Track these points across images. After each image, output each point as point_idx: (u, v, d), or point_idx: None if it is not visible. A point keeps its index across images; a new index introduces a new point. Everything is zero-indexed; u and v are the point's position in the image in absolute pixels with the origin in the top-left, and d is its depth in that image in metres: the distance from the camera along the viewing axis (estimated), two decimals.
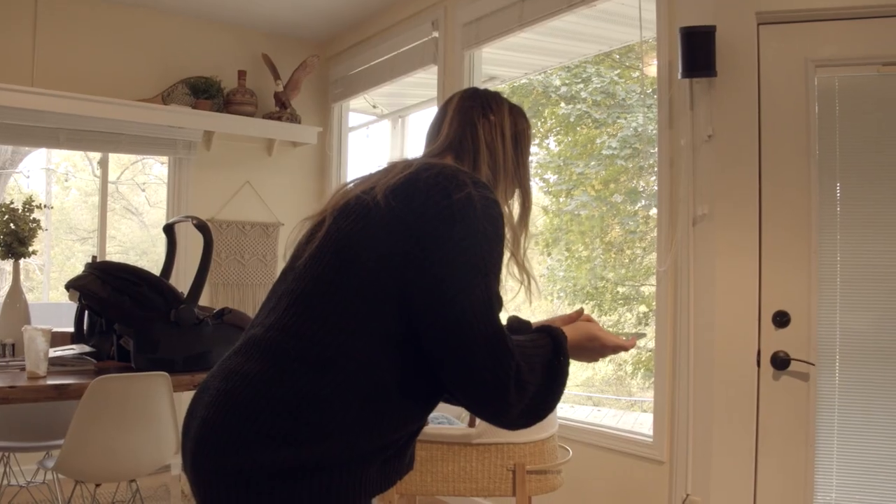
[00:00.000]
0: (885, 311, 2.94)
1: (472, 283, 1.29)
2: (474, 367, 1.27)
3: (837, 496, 3.00)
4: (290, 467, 1.25)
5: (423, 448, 2.95)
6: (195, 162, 5.13)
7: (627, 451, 3.45)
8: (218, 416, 1.30)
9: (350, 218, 1.38)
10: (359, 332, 1.31)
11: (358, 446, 1.29)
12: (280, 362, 1.30)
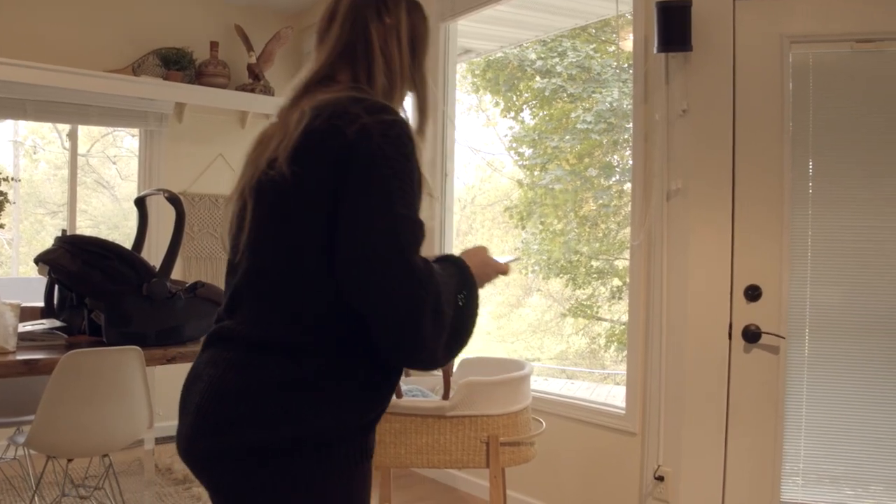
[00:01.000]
0: (855, 286, 2.98)
1: (381, 213, 1.26)
2: (387, 297, 1.24)
3: (805, 465, 3.06)
4: (289, 444, 1.28)
5: (396, 421, 2.96)
6: (167, 134, 5.07)
7: (600, 423, 3.48)
8: (212, 403, 1.33)
9: (268, 204, 1.36)
10: (322, 315, 1.32)
11: (349, 419, 1.32)
12: (262, 353, 1.33)
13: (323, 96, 1.40)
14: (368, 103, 1.34)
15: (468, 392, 2.93)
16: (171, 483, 4.10)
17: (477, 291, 1.42)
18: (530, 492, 3.82)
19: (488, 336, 8.24)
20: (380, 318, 1.26)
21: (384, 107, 1.36)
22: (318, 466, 1.30)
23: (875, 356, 2.97)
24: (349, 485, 1.35)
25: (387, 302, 1.24)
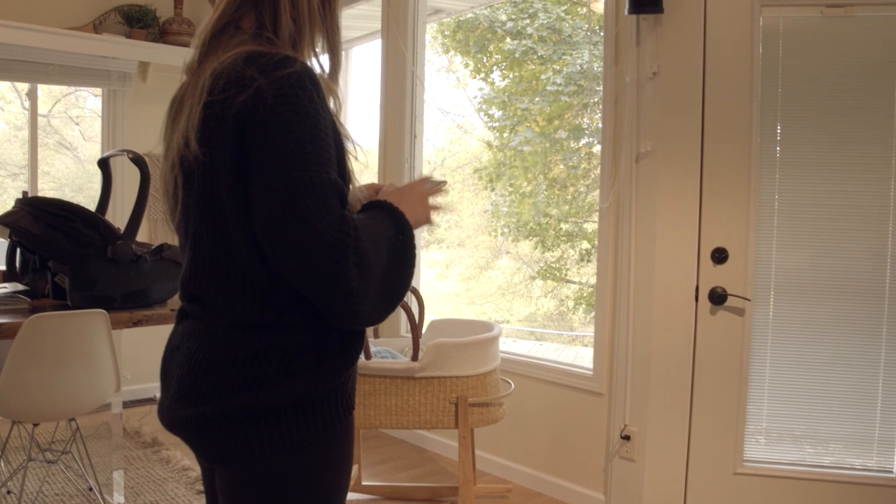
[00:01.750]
0: (819, 249, 3.02)
1: (278, 182, 1.22)
2: (310, 254, 1.21)
3: (768, 425, 3.12)
4: (270, 408, 1.30)
5: (366, 382, 2.96)
6: (130, 94, 4.97)
7: (568, 383, 3.52)
8: (193, 374, 1.34)
9: (194, 186, 1.34)
10: (274, 291, 1.32)
11: (323, 381, 1.33)
12: (233, 328, 1.34)
13: (224, 54, 1.34)
14: (263, 60, 1.28)
15: (437, 353, 2.94)
16: (139, 446, 4.09)
17: (411, 234, 1.38)
18: (499, 452, 3.86)
19: (457, 298, 8.27)
20: (305, 286, 1.25)
21: (280, 61, 1.28)
22: (302, 427, 1.32)
23: (837, 318, 3.02)
24: (334, 441, 1.37)
25: (305, 271, 1.22)
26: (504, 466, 3.83)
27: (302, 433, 1.32)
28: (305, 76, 1.29)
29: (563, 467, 3.57)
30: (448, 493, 3.58)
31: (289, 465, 1.33)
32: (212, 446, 1.34)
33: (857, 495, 3.04)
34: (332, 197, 1.24)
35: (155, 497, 3.40)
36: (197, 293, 1.38)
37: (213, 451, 1.35)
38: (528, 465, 3.72)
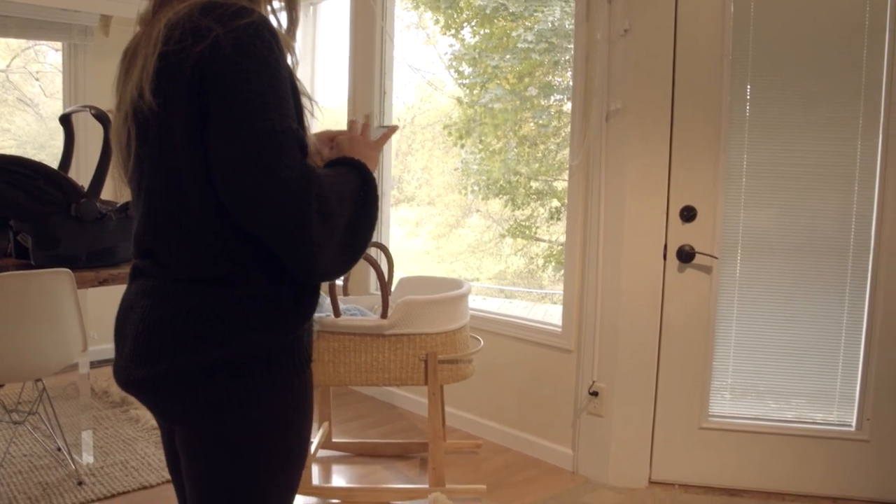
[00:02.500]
0: (785, 209, 3.05)
1: (240, 133, 1.20)
2: (271, 204, 1.20)
3: (733, 381, 3.17)
4: (225, 364, 1.29)
5: (335, 340, 2.96)
6: (92, 49, 4.85)
7: (537, 340, 3.54)
8: (147, 332, 1.32)
9: (148, 139, 1.31)
10: (230, 244, 1.30)
11: (279, 335, 1.33)
12: (188, 283, 1.32)
13: (179, 4, 1.31)
14: (220, 10, 1.25)
15: (406, 311, 2.94)
16: (108, 406, 4.07)
17: (374, 186, 1.38)
18: (468, 408, 3.89)
19: (427, 256, 8.27)
20: (268, 238, 1.24)
21: (237, 10, 1.25)
22: (259, 382, 1.31)
23: (802, 276, 3.06)
24: (292, 395, 1.37)
25: (268, 221, 1.22)
26: (473, 422, 3.86)
27: (259, 388, 1.31)
28: (263, 26, 1.26)
29: (531, 423, 3.61)
30: (418, 449, 3.61)
31: (248, 421, 1.32)
32: (169, 405, 1.33)
33: (818, 448, 3.11)
34: (293, 146, 1.23)
35: (124, 456, 3.39)
36: (150, 248, 1.36)
37: (170, 410, 1.34)
38: (498, 421, 3.76)
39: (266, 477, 1.36)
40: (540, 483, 3.29)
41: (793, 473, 3.15)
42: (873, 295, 3.01)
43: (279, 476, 1.38)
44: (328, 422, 3.60)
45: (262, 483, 1.36)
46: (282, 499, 1.41)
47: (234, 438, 1.33)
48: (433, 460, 3.06)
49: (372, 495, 3.09)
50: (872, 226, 2.99)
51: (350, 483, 3.29)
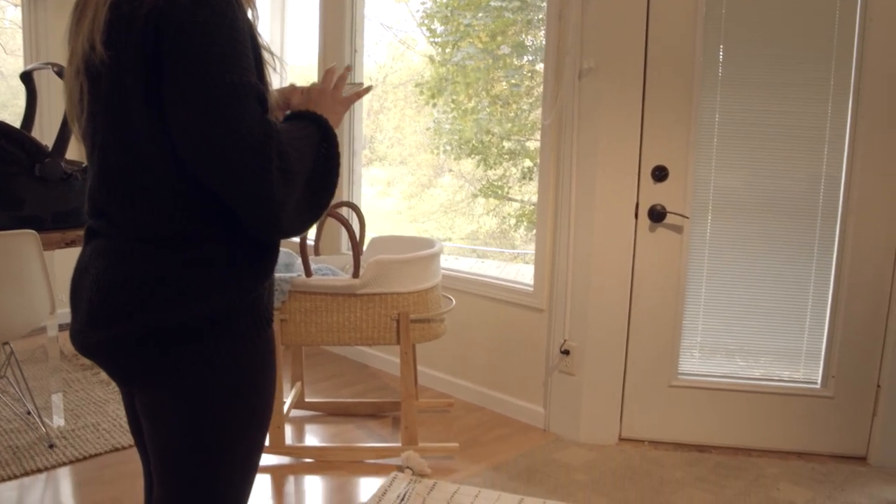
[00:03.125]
0: (756, 170, 3.07)
1: (199, 86, 1.17)
2: (232, 160, 1.17)
3: (702, 339, 3.21)
4: (181, 327, 1.27)
5: (307, 299, 2.95)
6: (53, 4, 4.72)
7: (509, 299, 3.55)
8: (102, 294, 1.29)
9: (101, 92, 1.28)
10: (186, 203, 1.27)
11: (236, 297, 1.31)
12: (143, 244, 1.28)
13: None
14: None
15: (378, 270, 2.93)
16: (77, 369, 4.04)
17: (335, 141, 1.36)
18: (440, 367, 3.91)
19: (399, 216, 8.24)
20: (227, 195, 1.22)
21: None
22: (220, 343, 1.30)
23: (771, 236, 3.09)
24: (254, 355, 1.35)
25: (229, 177, 1.19)
26: (445, 381, 3.88)
27: (220, 350, 1.29)
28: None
29: (503, 382, 3.63)
30: (390, 408, 3.63)
31: (209, 383, 1.31)
32: (126, 369, 1.31)
33: (784, 405, 3.17)
34: (253, 101, 1.20)
35: (96, 419, 3.38)
36: (104, 208, 1.32)
37: (128, 373, 1.32)
38: (470, 380, 3.78)
39: (229, 439, 1.36)
40: (512, 441, 3.33)
41: (760, 429, 3.21)
42: (840, 256, 3.05)
43: (243, 438, 1.37)
44: (300, 382, 3.60)
45: (226, 445, 1.36)
46: (246, 460, 1.40)
47: (195, 401, 1.31)
48: (405, 419, 3.07)
49: (345, 454, 3.11)
50: (841, 187, 3.02)
51: (323, 442, 3.30)
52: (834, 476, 3.02)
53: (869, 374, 3.09)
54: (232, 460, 1.37)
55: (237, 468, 1.39)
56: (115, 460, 3.02)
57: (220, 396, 1.32)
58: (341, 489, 2.87)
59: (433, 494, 2.77)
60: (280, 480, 2.93)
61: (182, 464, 1.35)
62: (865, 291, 3.04)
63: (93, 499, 2.73)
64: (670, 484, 2.93)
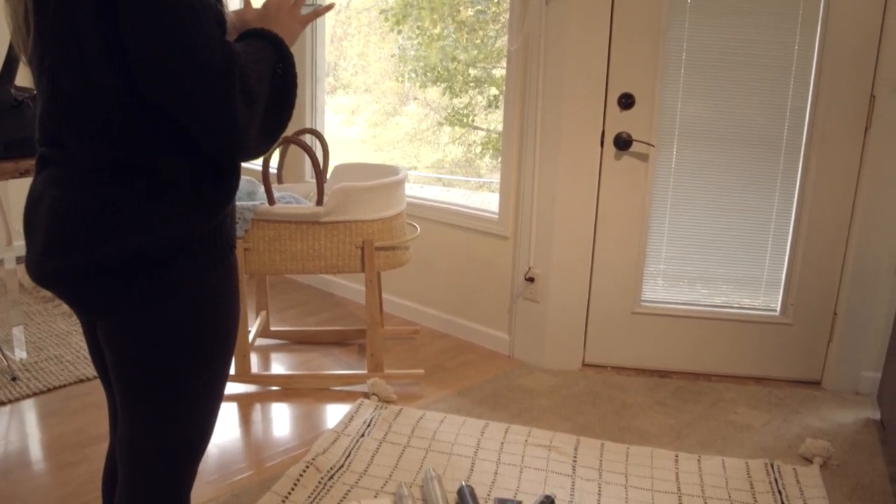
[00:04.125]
0: (722, 99, 3.05)
1: (158, 9, 1.13)
2: (194, 85, 1.14)
3: (665, 268, 3.24)
4: (141, 255, 1.24)
5: (270, 228, 2.92)
6: None
7: (474, 227, 3.55)
8: (58, 223, 1.25)
9: (45, 12, 1.22)
10: (143, 129, 1.22)
11: (198, 223, 1.28)
12: (99, 172, 1.24)
13: None
14: None
15: (342, 198, 2.91)
16: (38, 301, 3.98)
17: (292, 61, 1.33)
18: (406, 295, 3.92)
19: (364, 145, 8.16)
20: (190, 120, 1.19)
21: None
22: (182, 272, 1.27)
23: (736, 166, 3.10)
24: (217, 283, 1.33)
25: (190, 103, 1.16)
26: (411, 309, 3.90)
27: (181, 278, 1.27)
28: None
29: (468, 309, 3.65)
30: (356, 336, 3.64)
31: (171, 313, 1.29)
32: (87, 299, 1.28)
33: (743, 332, 3.23)
34: (212, 22, 1.16)
35: (59, 351, 3.35)
36: (56, 135, 1.27)
37: (88, 304, 1.29)
38: (435, 308, 3.80)
39: (192, 368, 1.34)
40: (477, 367, 3.37)
41: (720, 355, 3.27)
42: (803, 186, 3.07)
43: (206, 367, 1.36)
44: (265, 311, 3.59)
45: (189, 375, 1.34)
46: (211, 389, 1.39)
47: (157, 331, 1.29)
48: (371, 346, 3.09)
49: (311, 381, 3.12)
50: (806, 119, 3.03)
51: (289, 370, 3.31)
52: (789, 400, 3.10)
53: (826, 303, 3.15)
54: (196, 390, 1.36)
55: (201, 397, 1.38)
56: (81, 392, 3.01)
57: (182, 325, 1.31)
58: (308, 416, 2.89)
59: (399, 420, 2.80)
60: (247, 409, 2.94)
61: (145, 394, 1.34)
62: (826, 222, 3.08)
63: (59, 430, 2.72)
64: (632, 408, 2.99)
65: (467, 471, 2.49)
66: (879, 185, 2.97)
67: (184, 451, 1.40)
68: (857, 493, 2.45)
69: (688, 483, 2.47)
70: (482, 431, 2.74)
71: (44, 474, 2.44)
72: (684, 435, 2.80)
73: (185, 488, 1.44)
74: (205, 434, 1.42)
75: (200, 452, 1.44)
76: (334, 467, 2.46)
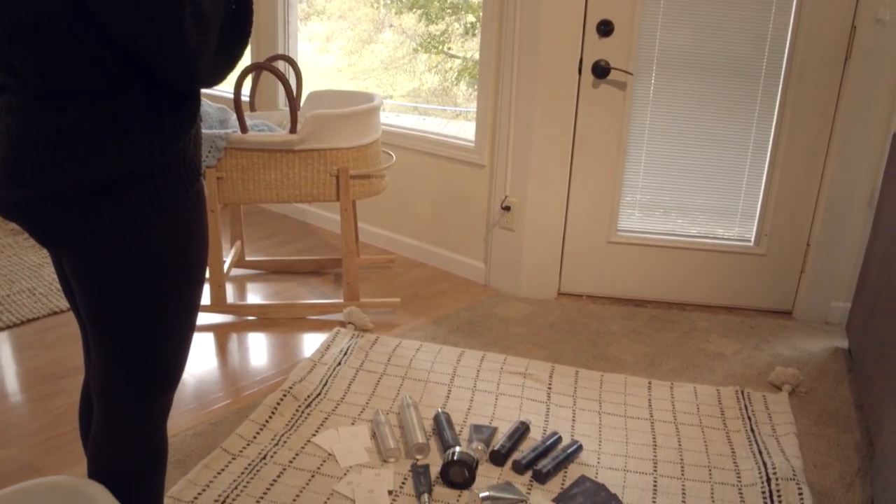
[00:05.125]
0: (702, 28, 3.01)
1: None
2: (141, 7, 1.11)
3: (642, 197, 3.24)
4: (101, 183, 1.21)
5: (243, 156, 2.87)
6: None
7: (450, 156, 3.52)
8: (15, 152, 1.22)
9: None
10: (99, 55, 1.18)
11: (159, 149, 1.25)
12: (55, 98, 1.20)
13: None
14: None
15: (316, 125, 2.86)
16: (8, 234, 3.92)
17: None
18: (382, 224, 3.90)
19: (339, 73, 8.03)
20: (141, 43, 1.15)
21: None
22: (144, 200, 1.25)
23: (714, 97, 3.08)
24: (182, 211, 1.31)
25: (140, 25, 1.12)
26: (387, 238, 3.89)
27: (144, 206, 1.25)
28: None
29: (444, 238, 3.65)
30: (332, 265, 3.63)
31: (134, 242, 1.27)
32: (47, 230, 1.25)
33: (718, 262, 3.25)
34: None
35: (31, 283, 3.31)
36: (8, 61, 1.21)
37: (50, 235, 1.26)
38: (411, 237, 3.79)
39: (160, 299, 1.33)
40: (453, 295, 3.38)
41: (694, 285, 3.30)
42: (780, 117, 3.06)
43: (175, 298, 1.35)
44: (240, 241, 3.56)
45: (157, 306, 1.33)
46: (181, 320, 1.38)
47: (121, 262, 1.27)
48: (347, 275, 3.08)
49: (287, 311, 3.12)
50: (786, 50, 3.00)
51: (265, 300, 3.30)
52: (761, 329, 3.15)
53: (800, 234, 3.18)
54: (166, 321, 1.35)
55: (172, 328, 1.37)
56: (55, 323, 2.99)
57: (146, 256, 1.28)
58: (284, 345, 2.89)
59: (375, 348, 2.81)
60: (223, 339, 2.93)
61: (115, 325, 1.32)
62: (802, 154, 3.08)
63: (34, 363, 2.70)
64: (606, 336, 3.02)
65: (443, 398, 2.52)
66: (857, 116, 2.96)
67: (157, 382, 1.39)
68: (822, 419, 2.51)
69: (660, 409, 2.51)
70: (458, 359, 2.76)
71: (20, 406, 2.44)
72: (657, 363, 2.84)
73: (161, 418, 1.44)
74: (177, 365, 1.42)
75: (174, 383, 1.43)
76: (311, 395, 2.47)
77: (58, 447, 2.23)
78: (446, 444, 2.21)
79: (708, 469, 2.21)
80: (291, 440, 2.25)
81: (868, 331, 2.57)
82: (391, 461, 2.18)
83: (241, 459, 2.15)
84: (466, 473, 2.07)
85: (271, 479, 2.07)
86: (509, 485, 2.07)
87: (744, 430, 2.40)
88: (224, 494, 2.00)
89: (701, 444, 2.33)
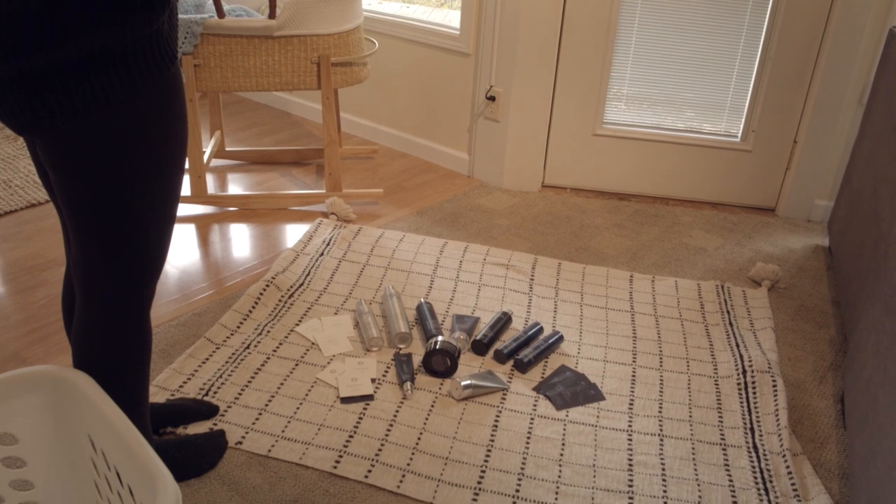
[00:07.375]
0: None
1: None
2: None
3: (629, 91, 3.19)
4: (72, 64, 1.16)
5: (221, 42, 2.78)
6: None
7: (435, 44, 3.43)
8: None
9: None
10: None
11: (130, 29, 1.20)
12: None
13: None
14: None
15: (296, 10, 2.76)
16: None
17: None
18: (364, 114, 3.84)
19: None
20: None
21: None
22: (115, 83, 1.20)
23: None
24: (153, 96, 1.27)
25: None
26: (370, 128, 3.83)
27: (116, 89, 1.20)
28: None
29: (428, 128, 3.60)
30: (313, 156, 3.58)
31: (108, 127, 1.22)
32: (17, 115, 1.20)
33: (703, 157, 3.23)
34: None
35: (7, 176, 3.24)
36: None
37: (19, 120, 1.21)
38: (394, 127, 3.73)
39: (137, 188, 1.29)
40: (436, 186, 3.35)
41: (679, 180, 3.29)
42: (774, 10, 2.98)
43: (151, 187, 1.31)
44: (220, 130, 3.49)
45: (135, 192, 1.30)
46: (160, 210, 1.35)
47: (95, 148, 1.23)
48: (329, 165, 3.04)
49: (269, 201, 3.09)
50: None
51: (246, 191, 3.26)
52: (743, 225, 3.16)
53: (787, 131, 3.15)
54: (145, 209, 1.32)
55: (151, 217, 1.34)
56: (33, 216, 2.94)
57: (121, 140, 1.24)
58: (266, 236, 2.88)
59: (358, 239, 2.80)
60: (204, 230, 2.91)
61: (92, 215, 1.29)
62: (795, 49, 3.01)
63: (14, 255, 2.68)
64: (589, 229, 3.03)
65: (426, 288, 2.53)
66: (853, 9, 2.89)
67: (137, 272, 1.38)
68: (800, 314, 2.55)
69: (640, 302, 2.54)
70: (441, 250, 2.76)
71: (3, 298, 2.42)
72: (640, 256, 2.86)
73: (143, 308, 1.43)
74: (158, 254, 1.40)
75: (155, 272, 1.42)
76: (294, 286, 2.48)
77: (43, 338, 2.23)
78: (429, 333, 2.23)
79: (686, 361, 2.25)
80: (275, 330, 2.27)
81: (848, 229, 2.58)
82: (374, 350, 2.21)
83: (225, 349, 2.17)
84: (448, 362, 2.10)
85: (255, 368, 2.10)
86: (491, 373, 2.10)
87: (722, 324, 2.43)
88: (209, 383, 2.02)
89: (680, 336, 2.37)
